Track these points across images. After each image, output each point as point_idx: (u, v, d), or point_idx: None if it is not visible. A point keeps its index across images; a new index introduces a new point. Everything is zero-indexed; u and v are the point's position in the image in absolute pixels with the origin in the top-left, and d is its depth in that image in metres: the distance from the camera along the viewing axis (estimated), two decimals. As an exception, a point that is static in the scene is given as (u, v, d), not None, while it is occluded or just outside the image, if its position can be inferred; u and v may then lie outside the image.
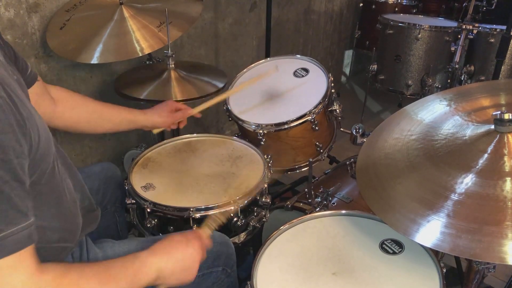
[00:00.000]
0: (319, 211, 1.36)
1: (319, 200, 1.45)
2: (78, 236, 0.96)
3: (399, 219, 0.96)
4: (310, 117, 1.52)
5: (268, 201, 1.36)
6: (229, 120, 1.65)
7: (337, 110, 1.64)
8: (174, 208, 1.22)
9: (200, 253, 0.96)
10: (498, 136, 0.98)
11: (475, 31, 2.36)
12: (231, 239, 1.23)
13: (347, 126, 1.59)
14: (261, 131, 1.53)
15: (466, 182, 0.93)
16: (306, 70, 1.72)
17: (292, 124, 1.52)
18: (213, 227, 1.07)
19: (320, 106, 1.55)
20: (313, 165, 1.48)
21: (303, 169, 1.69)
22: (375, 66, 2.70)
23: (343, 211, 1.21)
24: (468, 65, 2.45)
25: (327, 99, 1.58)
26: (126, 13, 1.68)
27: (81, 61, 1.61)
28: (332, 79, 1.63)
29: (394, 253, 1.06)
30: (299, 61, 1.78)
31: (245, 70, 1.80)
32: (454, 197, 0.92)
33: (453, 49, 2.44)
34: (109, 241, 1.12)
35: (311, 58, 1.76)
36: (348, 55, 3.98)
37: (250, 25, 2.78)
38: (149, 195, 1.27)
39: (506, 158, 0.94)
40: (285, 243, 1.12)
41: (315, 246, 1.10)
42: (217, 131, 2.81)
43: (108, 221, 1.37)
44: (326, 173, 1.78)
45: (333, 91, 1.64)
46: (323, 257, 1.06)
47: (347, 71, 4.07)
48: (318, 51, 3.57)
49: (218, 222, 1.09)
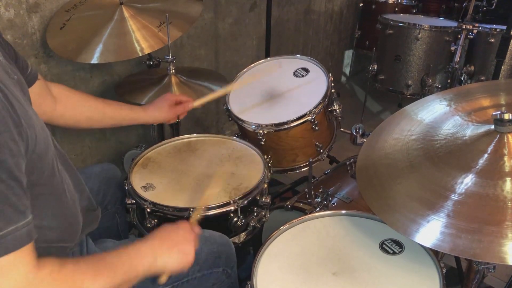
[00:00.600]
0: (319, 211, 1.37)
1: (319, 200, 1.45)
2: (78, 236, 0.96)
3: (399, 219, 0.96)
4: (310, 117, 1.52)
5: (268, 201, 1.37)
6: (229, 120, 1.65)
7: (337, 110, 1.64)
8: (174, 208, 1.22)
9: (192, 233, 0.99)
10: (498, 136, 0.97)
11: (475, 31, 2.36)
12: (231, 239, 1.23)
13: (347, 126, 1.59)
14: (261, 131, 1.53)
15: (466, 182, 0.93)
16: (306, 70, 1.72)
17: (292, 124, 1.52)
18: (197, 218, 1.11)
19: (320, 106, 1.55)
20: (313, 165, 1.48)
21: (303, 169, 1.69)
22: (375, 66, 2.70)
23: (343, 211, 1.21)
24: (468, 65, 2.45)
25: (327, 99, 1.58)
26: (126, 13, 1.68)
27: (81, 61, 1.61)
28: (332, 79, 1.63)
29: (394, 253, 1.06)
30: (299, 61, 1.78)
31: (245, 70, 1.80)
32: (454, 197, 0.92)
33: (453, 49, 2.44)
34: (109, 241, 1.12)
35: (311, 58, 1.76)
36: (348, 55, 3.98)
37: (250, 25, 2.78)
38: (149, 195, 1.28)
39: (506, 158, 0.94)
40: (285, 243, 1.12)
41: (315, 246, 1.10)
42: (217, 131, 2.81)
43: (108, 221, 1.37)
44: (326, 173, 1.78)
45: (333, 91, 1.64)
46: (323, 257, 1.06)
47: (347, 71, 4.07)
48: (318, 51, 3.57)
49: (200, 213, 1.14)
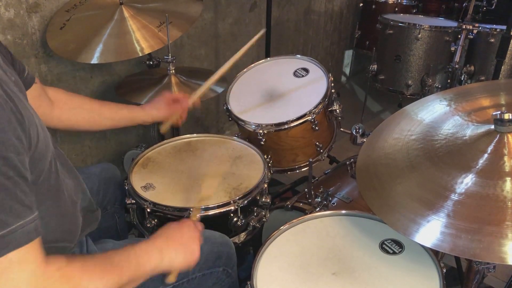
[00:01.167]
0: (319, 211, 1.37)
1: (319, 200, 1.45)
2: (77, 236, 0.96)
3: (399, 219, 0.96)
4: (310, 117, 1.52)
5: (268, 201, 1.37)
6: (229, 120, 1.65)
7: (337, 110, 1.64)
8: (174, 208, 1.22)
9: (196, 230, 1.01)
10: (498, 136, 0.97)
11: (475, 31, 2.35)
12: (231, 239, 1.23)
13: (347, 126, 1.59)
14: (261, 131, 1.53)
15: (466, 182, 0.93)
16: (306, 70, 1.72)
17: (292, 124, 1.52)
18: (196, 217, 1.13)
19: (320, 106, 1.55)
20: (313, 165, 1.48)
21: (303, 169, 1.69)
22: (375, 66, 2.70)
23: (343, 211, 1.21)
24: (468, 65, 2.45)
25: (327, 99, 1.58)
26: (126, 13, 1.68)
27: (81, 61, 1.61)
28: (332, 79, 1.63)
29: (394, 253, 1.06)
30: (299, 61, 1.78)
31: (245, 70, 1.80)
32: (454, 197, 0.92)
33: (453, 49, 2.44)
34: (109, 241, 1.12)
35: (311, 58, 1.76)
36: (348, 55, 3.98)
37: (250, 25, 2.78)
38: (149, 195, 1.28)
39: (506, 158, 0.94)
40: (285, 243, 1.12)
41: (315, 246, 1.10)
42: (217, 131, 2.81)
43: (108, 221, 1.37)
44: (326, 173, 1.78)
45: (333, 91, 1.64)
46: (323, 257, 1.06)
47: (347, 71, 4.07)
48: (318, 51, 3.57)
49: (199, 212, 1.16)
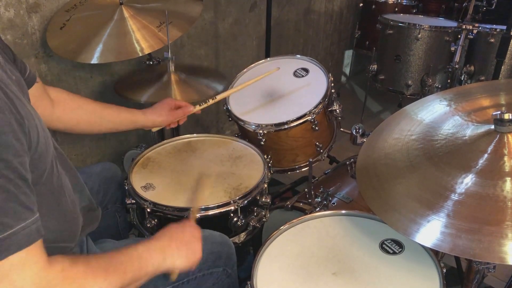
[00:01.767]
0: (319, 211, 1.36)
1: (319, 200, 1.45)
2: (78, 236, 0.96)
3: (399, 219, 0.96)
4: (310, 117, 1.52)
5: (268, 201, 1.37)
6: (229, 120, 1.65)
7: (337, 110, 1.64)
8: (174, 208, 1.22)
9: (198, 230, 1.02)
10: (498, 136, 0.98)
11: (475, 31, 2.36)
12: (231, 239, 1.23)
13: (347, 126, 1.59)
14: (261, 131, 1.53)
15: (466, 182, 0.93)
16: (306, 70, 1.72)
17: (292, 124, 1.52)
18: (195, 216, 1.15)
19: (320, 106, 1.55)
20: (313, 165, 1.48)
21: (303, 169, 1.69)
22: (375, 66, 2.70)
23: (343, 211, 1.21)
24: (468, 65, 2.45)
25: (327, 99, 1.58)
26: (126, 13, 1.68)
27: (81, 61, 1.61)
28: (332, 79, 1.63)
29: (394, 253, 1.06)
30: (299, 61, 1.78)
31: (245, 70, 1.80)
32: (454, 197, 0.92)
33: (453, 49, 2.44)
34: (109, 241, 1.12)
35: (311, 58, 1.76)
36: (348, 55, 3.98)
37: (250, 25, 2.78)
38: (149, 195, 1.28)
39: (506, 158, 0.94)
40: (285, 243, 1.12)
41: (315, 246, 1.10)
42: (217, 131, 2.81)
43: (108, 221, 1.37)
44: (326, 173, 1.78)
45: (333, 91, 1.64)
46: (323, 257, 1.06)
47: (347, 71, 4.07)
48: (318, 51, 3.57)
49: (198, 212, 1.18)
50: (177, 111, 1.44)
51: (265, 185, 1.36)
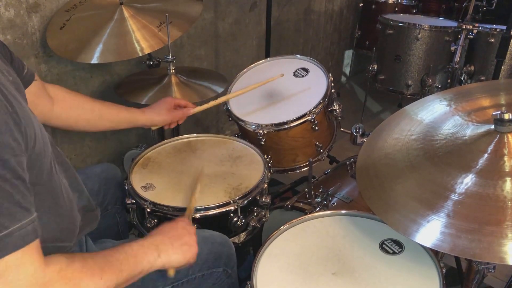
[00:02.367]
0: (319, 211, 1.36)
1: (319, 200, 1.45)
2: (76, 236, 0.96)
3: (399, 219, 0.96)
4: (310, 117, 1.52)
5: (268, 201, 1.36)
6: (229, 120, 1.65)
7: (337, 110, 1.64)
8: (174, 208, 1.22)
9: (191, 225, 1.02)
10: (498, 136, 0.97)
11: (475, 31, 2.36)
12: (231, 239, 1.23)
13: (347, 126, 1.59)
14: (261, 131, 1.53)
15: (466, 182, 0.93)
16: (306, 70, 1.72)
17: (292, 124, 1.52)
18: (190, 214, 1.15)
19: (320, 106, 1.55)
20: (313, 165, 1.48)
21: (303, 169, 1.69)
22: (375, 66, 2.70)
23: (343, 211, 1.21)
24: (468, 65, 2.45)
25: (327, 99, 1.58)
26: (126, 13, 1.68)
27: (81, 61, 1.60)
28: (332, 79, 1.63)
29: (394, 253, 1.06)
30: (299, 61, 1.78)
31: (245, 70, 1.80)
32: (454, 197, 0.92)
33: (453, 49, 2.44)
34: (109, 241, 1.12)
35: (311, 58, 1.76)
36: (348, 55, 3.98)
37: (250, 25, 2.78)
38: (149, 195, 1.28)
39: (506, 158, 0.94)
40: (285, 243, 1.11)
41: (315, 246, 1.10)
42: (217, 131, 2.81)
43: (108, 221, 1.37)
44: (326, 173, 1.78)
45: (333, 91, 1.64)
46: (323, 257, 1.06)
47: (347, 71, 4.07)
48: (318, 51, 3.57)
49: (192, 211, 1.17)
50: (176, 111, 1.44)
51: (265, 185, 1.36)
